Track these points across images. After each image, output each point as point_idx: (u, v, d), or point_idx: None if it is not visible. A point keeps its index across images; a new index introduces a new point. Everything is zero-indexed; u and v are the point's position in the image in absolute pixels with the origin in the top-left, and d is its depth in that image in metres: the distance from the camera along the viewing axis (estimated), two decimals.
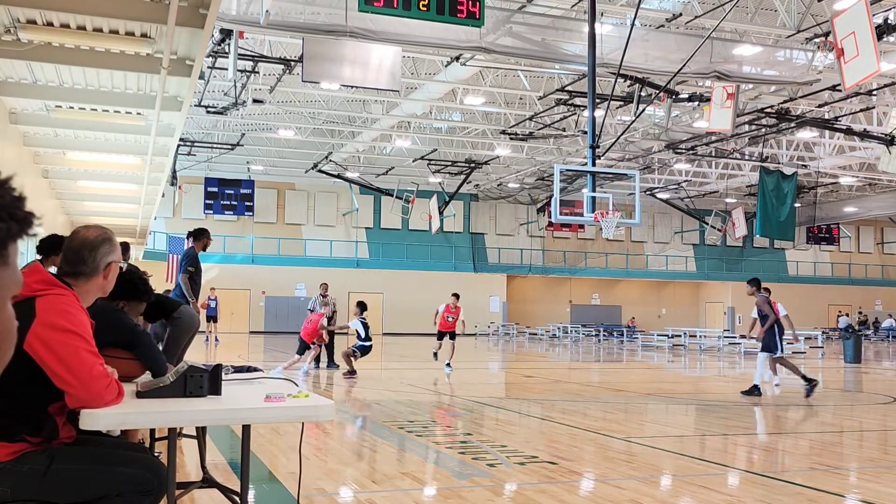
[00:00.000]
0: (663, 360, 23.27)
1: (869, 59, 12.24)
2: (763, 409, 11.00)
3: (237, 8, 14.47)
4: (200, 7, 7.65)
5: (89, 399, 2.65)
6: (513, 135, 28.44)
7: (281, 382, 3.77)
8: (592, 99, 15.85)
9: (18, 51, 8.68)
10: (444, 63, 21.09)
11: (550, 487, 5.52)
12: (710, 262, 47.20)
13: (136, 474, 2.77)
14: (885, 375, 18.19)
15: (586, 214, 15.75)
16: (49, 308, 2.66)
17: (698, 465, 6.60)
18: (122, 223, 24.10)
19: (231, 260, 38.30)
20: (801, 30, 16.62)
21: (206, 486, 4.53)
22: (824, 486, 5.68)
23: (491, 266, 43.30)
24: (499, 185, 40.59)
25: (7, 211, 1.11)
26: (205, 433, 5.27)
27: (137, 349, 3.59)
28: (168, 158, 15.24)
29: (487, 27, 14.39)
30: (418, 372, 13.87)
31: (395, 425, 8.55)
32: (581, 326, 39.25)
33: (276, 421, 4.93)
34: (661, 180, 37.15)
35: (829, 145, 30.18)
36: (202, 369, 3.10)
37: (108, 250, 2.96)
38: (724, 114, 19.07)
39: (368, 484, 5.62)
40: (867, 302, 47.70)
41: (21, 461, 2.66)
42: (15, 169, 13.29)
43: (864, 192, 39.52)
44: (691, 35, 17.40)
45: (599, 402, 11.51)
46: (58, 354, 2.62)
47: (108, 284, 2.98)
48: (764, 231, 26.86)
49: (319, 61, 15.64)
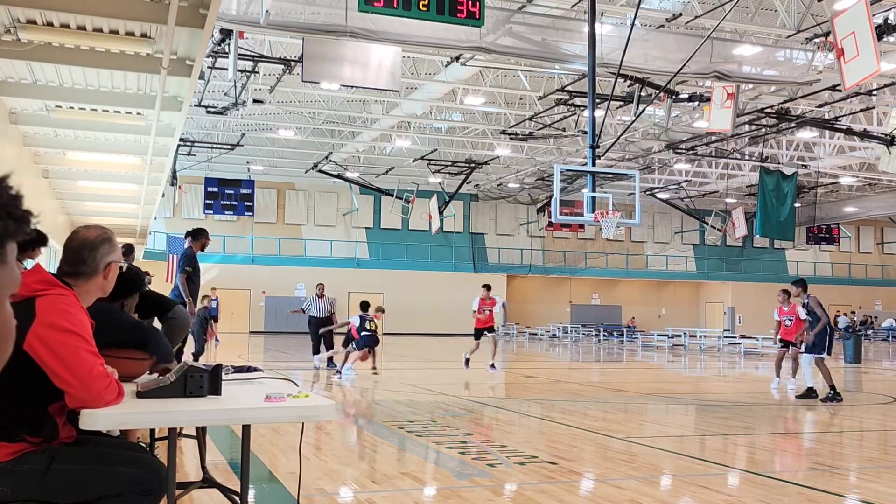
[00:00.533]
0: (663, 361, 23.27)
1: (869, 59, 12.24)
2: (764, 409, 11.00)
3: (237, 8, 14.47)
4: (200, 7, 7.65)
5: (89, 399, 2.65)
6: (513, 135, 28.44)
7: (281, 382, 3.77)
8: (592, 99, 15.84)
9: (18, 51, 8.68)
10: (444, 63, 21.08)
11: (550, 487, 5.52)
12: (710, 262, 47.20)
13: (136, 474, 2.77)
14: (885, 375, 18.19)
15: (586, 214, 15.75)
16: (49, 308, 2.66)
17: (698, 465, 6.60)
18: (122, 223, 24.10)
19: (231, 260, 38.30)
20: (801, 30, 16.62)
21: (206, 486, 4.53)
22: (824, 486, 5.68)
23: (491, 266, 43.29)
24: (499, 185, 40.59)
25: (4, 210, 1.11)
26: (205, 433, 5.27)
27: (148, 346, 3.58)
28: (168, 158, 15.24)
29: (487, 27, 14.39)
30: (418, 372, 13.87)
31: (395, 425, 8.55)
32: (581, 326, 39.24)
33: (276, 421, 4.93)
34: (661, 180, 37.15)
35: (829, 145, 30.18)
36: (202, 369, 3.10)
37: (108, 250, 2.95)
38: (724, 114, 19.06)
39: (368, 484, 5.62)
40: (867, 302, 47.70)
41: (21, 461, 2.66)
42: (15, 169, 13.27)
43: (864, 193, 39.51)
44: (691, 35, 17.40)
45: (599, 402, 11.51)
46: (58, 354, 2.62)
47: (109, 284, 2.98)
48: (764, 231, 26.85)
49: (319, 61, 15.64)
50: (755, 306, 44.03)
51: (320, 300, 16.44)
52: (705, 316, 47.30)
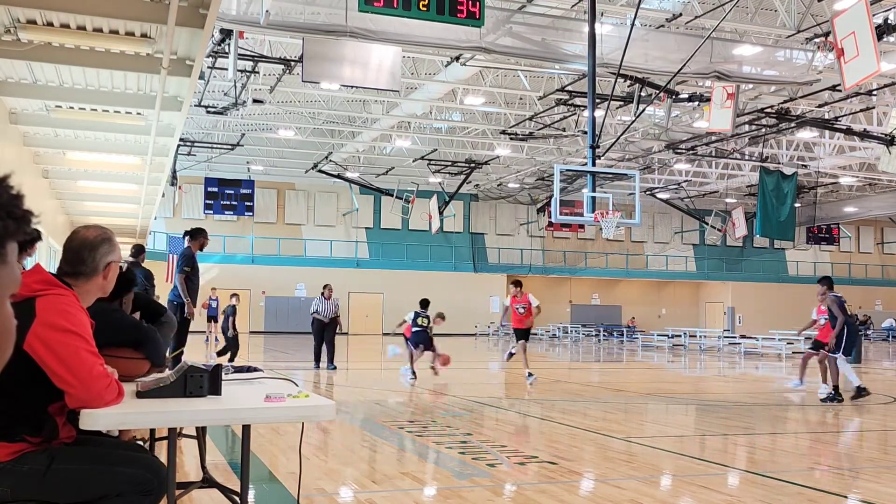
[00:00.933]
0: (663, 361, 23.27)
1: (869, 59, 12.24)
2: (764, 409, 11.00)
3: (237, 8, 14.47)
4: (200, 7, 7.65)
5: (89, 399, 2.65)
6: (513, 135, 28.44)
7: (281, 382, 3.77)
8: (592, 99, 15.84)
9: (18, 51, 8.68)
10: (444, 63, 21.08)
11: (550, 487, 5.52)
12: (710, 262, 47.20)
13: (136, 474, 2.77)
14: (885, 375, 18.19)
15: (586, 214, 15.75)
16: (49, 308, 2.66)
17: (698, 465, 6.59)
18: (122, 223, 24.10)
19: (231, 260, 38.30)
20: (801, 30, 16.62)
21: (206, 486, 4.53)
22: (824, 486, 5.68)
23: (491, 266, 43.30)
24: (499, 185, 40.59)
25: (5, 209, 1.11)
26: (205, 433, 5.27)
27: (145, 347, 3.58)
28: (168, 158, 15.24)
29: (487, 27, 14.38)
30: (418, 372, 13.88)
31: (395, 425, 8.55)
32: (581, 326, 39.24)
33: (276, 421, 4.93)
34: (661, 180, 37.15)
35: (829, 145, 30.18)
36: (202, 369, 3.10)
37: (108, 250, 2.95)
38: (724, 114, 19.06)
39: (368, 484, 5.61)
40: (867, 302, 47.68)
41: (21, 461, 2.66)
42: (15, 169, 13.28)
43: (864, 192, 39.51)
44: (691, 35, 17.40)
45: (599, 402, 11.51)
46: (58, 354, 2.62)
47: (108, 284, 2.98)
48: (764, 231, 26.85)
49: (319, 61, 15.64)
50: (755, 306, 44.06)
51: (327, 302, 16.21)
52: (705, 316, 47.30)
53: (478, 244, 44.20)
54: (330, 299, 16.23)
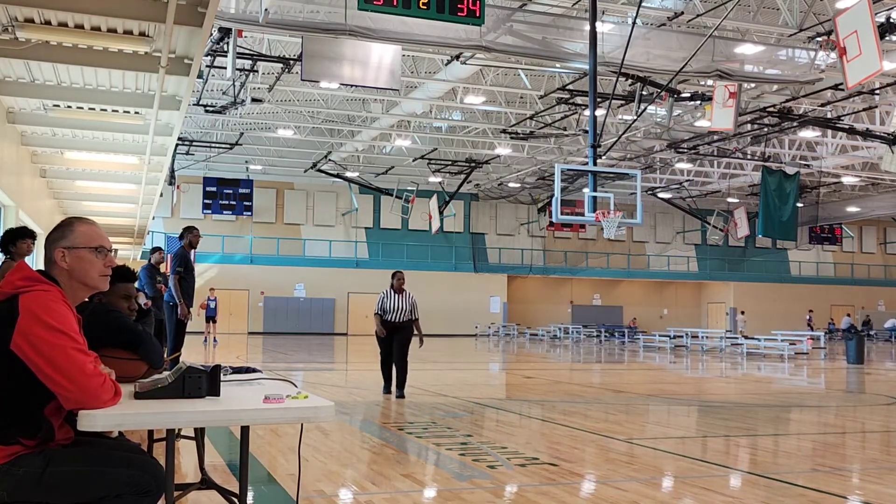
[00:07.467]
0: (665, 361, 23.23)
1: (871, 58, 12.20)
2: (767, 410, 10.95)
3: (236, 6, 14.45)
4: (199, 6, 7.61)
5: (85, 400, 2.60)
6: (513, 134, 28.41)
7: (280, 383, 3.73)
8: (593, 98, 15.80)
9: (16, 49, 8.64)
10: (444, 62, 21.05)
11: (551, 489, 5.48)
12: (712, 262, 47.18)
13: (134, 476, 2.73)
14: (887, 376, 18.14)
15: (587, 214, 15.71)
16: (31, 302, 2.61)
17: (700, 466, 6.55)
18: (120, 223, 24.09)
19: (230, 260, 38.28)
20: (804, 29, 16.59)
21: (205, 487, 4.50)
22: (827, 488, 5.63)
23: (491, 266, 43.27)
24: (499, 185, 40.56)
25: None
26: (203, 434, 5.23)
27: (140, 348, 3.54)
28: (166, 158, 15.20)
29: (488, 26, 14.35)
30: (418, 372, 13.83)
31: (394, 426, 8.51)
32: (582, 327, 39.20)
33: (274, 422, 4.88)
34: (662, 180, 37.13)
35: (831, 145, 30.14)
36: (201, 370, 3.06)
37: (59, 237, 2.85)
38: (726, 113, 19.03)
39: (368, 485, 5.57)
40: (870, 302, 47.68)
41: (17, 464, 2.62)
42: (13, 168, 13.26)
43: (866, 192, 39.49)
44: (693, 34, 17.37)
45: (601, 403, 11.46)
46: (46, 356, 2.56)
47: (78, 273, 2.84)
48: (766, 231, 26.81)
49: (319, 60, 15.61)
50: (757, 307, 44.02)
51: (398, 296, 11.20)
52: (707, 316, 47.28)
53: (478, 244, 44.18)
54: (402, 293, 11.21)
